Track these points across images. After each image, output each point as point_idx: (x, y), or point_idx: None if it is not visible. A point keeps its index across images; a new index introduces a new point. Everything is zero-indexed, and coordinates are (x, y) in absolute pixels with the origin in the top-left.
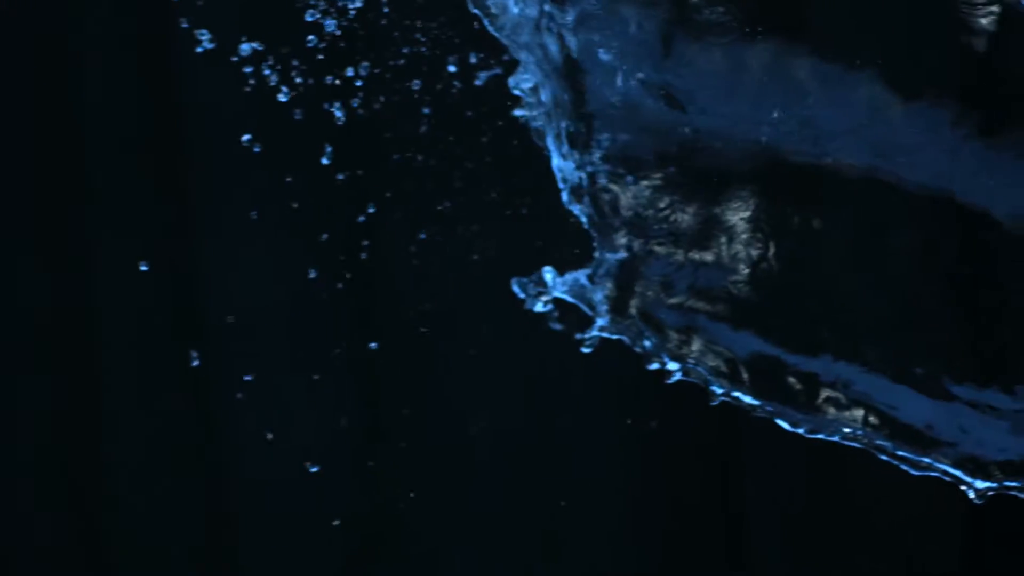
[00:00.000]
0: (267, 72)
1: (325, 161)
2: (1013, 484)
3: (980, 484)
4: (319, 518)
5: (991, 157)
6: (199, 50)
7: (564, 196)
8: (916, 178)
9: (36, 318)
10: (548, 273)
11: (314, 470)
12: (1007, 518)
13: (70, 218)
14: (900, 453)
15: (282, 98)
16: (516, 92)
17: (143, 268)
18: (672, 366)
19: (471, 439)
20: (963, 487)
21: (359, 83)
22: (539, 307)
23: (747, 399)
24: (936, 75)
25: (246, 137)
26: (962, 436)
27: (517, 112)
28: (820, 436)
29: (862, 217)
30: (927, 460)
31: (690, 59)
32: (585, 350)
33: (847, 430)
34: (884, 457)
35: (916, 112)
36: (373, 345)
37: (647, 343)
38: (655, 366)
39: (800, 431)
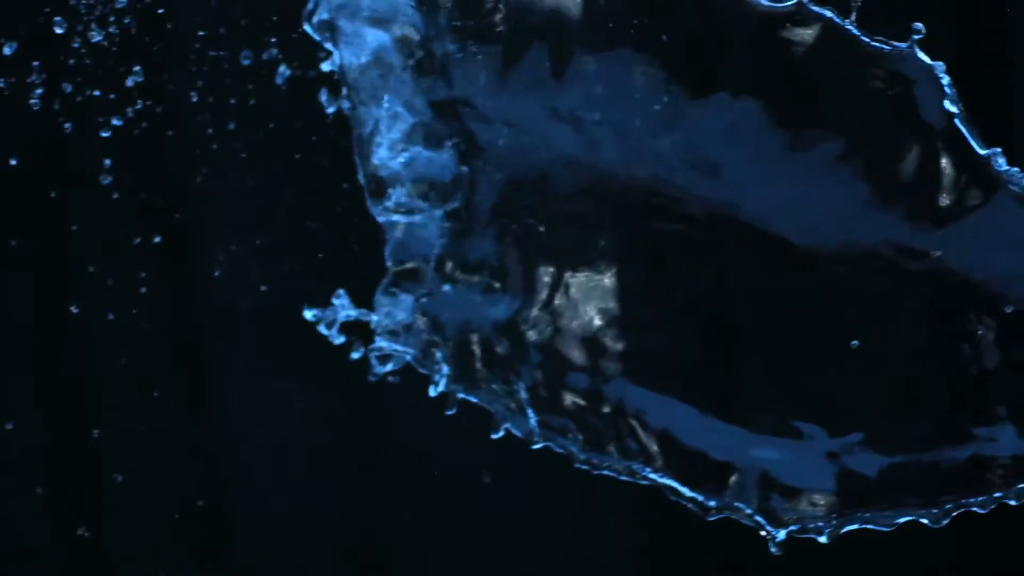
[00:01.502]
0: (31, 80)
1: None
2: (812, 526)
3: (781, 534)
4: (318, 520)
5: (788, 171)
6: None
7: (376, 214)
8: (707, 193)
9: (33, 318)
10: (337, 296)
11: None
12: None
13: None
14: (695, 495)
15: (35, 105)
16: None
17: None
18: (454, 390)
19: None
20: (763, 533)
21: (137, 92)
22: (323, 330)
23: (533, 428)
24: (734, 84)
25: None
26: (767, 470)
27: (323, 98)
28: (606, 472)
29: (649, 235)
30: (722, 502)
31: (463, 68)
32: (371, 379)
33: (641, 469)
34: (674, 498)
35: (710, 120)
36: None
37: (435, 365)
38: (442, 388)
39: (608, 473)
